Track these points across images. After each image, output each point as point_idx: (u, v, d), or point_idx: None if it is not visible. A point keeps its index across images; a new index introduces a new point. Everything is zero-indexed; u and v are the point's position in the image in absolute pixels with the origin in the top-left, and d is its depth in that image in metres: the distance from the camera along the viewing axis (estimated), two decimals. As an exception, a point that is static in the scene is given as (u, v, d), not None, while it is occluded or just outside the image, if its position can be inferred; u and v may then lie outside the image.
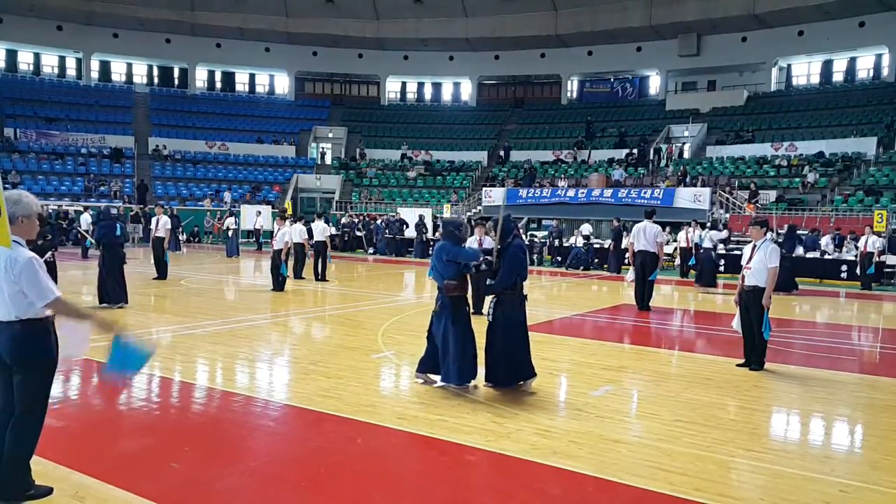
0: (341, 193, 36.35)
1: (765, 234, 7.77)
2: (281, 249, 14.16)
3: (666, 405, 6.13)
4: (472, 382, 6.48)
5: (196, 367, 7.24)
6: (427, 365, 6.60)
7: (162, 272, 15.29)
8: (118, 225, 11.51)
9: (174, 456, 4.57)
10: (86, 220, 18.46)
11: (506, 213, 6.61)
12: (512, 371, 6.43)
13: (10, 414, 3.75)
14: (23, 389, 3.73)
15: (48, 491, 3.88)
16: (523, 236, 6.83)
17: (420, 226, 26.45)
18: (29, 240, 3.82)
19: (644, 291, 12.56)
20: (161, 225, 15.28)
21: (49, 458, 4.28)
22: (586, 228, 23.89)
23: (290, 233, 14.82)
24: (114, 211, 13.07)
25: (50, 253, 12.61)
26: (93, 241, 16.02)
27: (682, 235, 20.33)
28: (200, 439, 4.97)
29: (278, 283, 14.03)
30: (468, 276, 6.62)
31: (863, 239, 18.20)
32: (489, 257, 6.57)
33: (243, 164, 38.66)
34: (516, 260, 6.40)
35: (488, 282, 6.55)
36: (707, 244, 17.56)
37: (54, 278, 12.28)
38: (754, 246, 7.74)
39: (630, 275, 13.20)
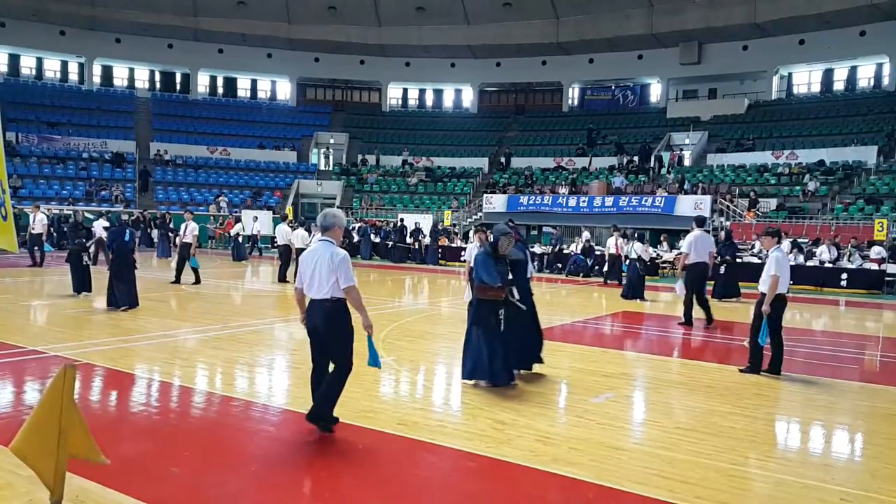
0: (342, 199, 36.39)
1: (776, 243, 7.88)
2: None
3: (667, 412, 6.12)
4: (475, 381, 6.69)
5: (196, 372, 7.24)
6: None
7: (184, 276, 15.42)
8: (128, 231, 11.66)
9: (174, 461, 4.57)
10: (101, 224, 18.62)
11: (502, 223, 7.03)
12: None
13: (325, 370, 5.17)
14: (334, 353, 5.14)
15: (336, 420, 5.23)
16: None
17: (434, 232, 26.47)
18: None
19: (690, 304, 11.50)
20: (189, 231, 15.44)
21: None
22: (586, 236, 23.87)
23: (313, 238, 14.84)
24: (125, 217, 13.22)
25: (85, 256, 12.70)
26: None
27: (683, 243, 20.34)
28: (201, 444, 4.97)
29: None
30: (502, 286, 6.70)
31: (609, 241, 19.92)
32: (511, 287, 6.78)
33: (244, 169, 38.73)
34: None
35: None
36: (633, 256, 16.29)
37: (90, 280, 12.59)
38: (766, 255, 7.91)
39: (679, 286, 11.91)
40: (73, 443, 3.53)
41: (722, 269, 16.67)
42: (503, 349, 6.64)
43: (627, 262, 16.79)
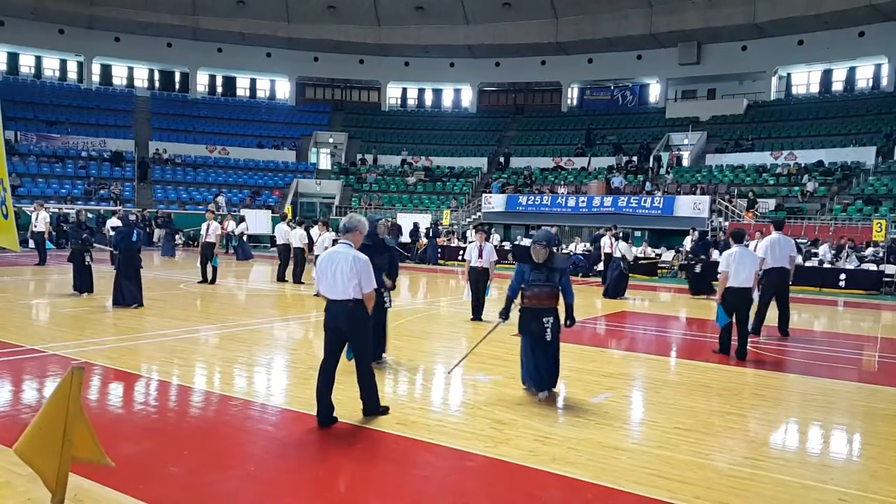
0: (341, 199, 36.38)
1: (736, 243, 8.85)
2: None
3: (665, 412, 6.13)
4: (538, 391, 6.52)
5: (195, 371, 7.23)
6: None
7: (210, 277, 15.42)
8: (135, 231, 11.77)
9: (173, 460, 4.57)
10: (111, 223, 18.70)
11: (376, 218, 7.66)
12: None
13: (336, 362, 5.41)
14: (356, 349, 5.40)
15: (387, 409, 5.66)
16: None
17: (435, 232, 26.48)
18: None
19: (764, 313, 10.61)
20: (211, 230, 15.46)
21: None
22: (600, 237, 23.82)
23: (327, 239, 14.72)
24: (132, 217, 13.27)
25: (87, 255, 12.72)
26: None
27: (686, 241, 20.47)
28: (199, 443, 4.96)
29: None
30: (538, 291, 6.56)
31: (604, 240, 19.00)
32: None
33: (244, 168, 38.71)
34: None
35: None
36: (617, 254, 16.27)
37: (91, 280, 12.60)
38: None
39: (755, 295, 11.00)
40: (78, 445, 3.52)
41: (698, 269, 16.83)
42: (545, 358, 6.48)
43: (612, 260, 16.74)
